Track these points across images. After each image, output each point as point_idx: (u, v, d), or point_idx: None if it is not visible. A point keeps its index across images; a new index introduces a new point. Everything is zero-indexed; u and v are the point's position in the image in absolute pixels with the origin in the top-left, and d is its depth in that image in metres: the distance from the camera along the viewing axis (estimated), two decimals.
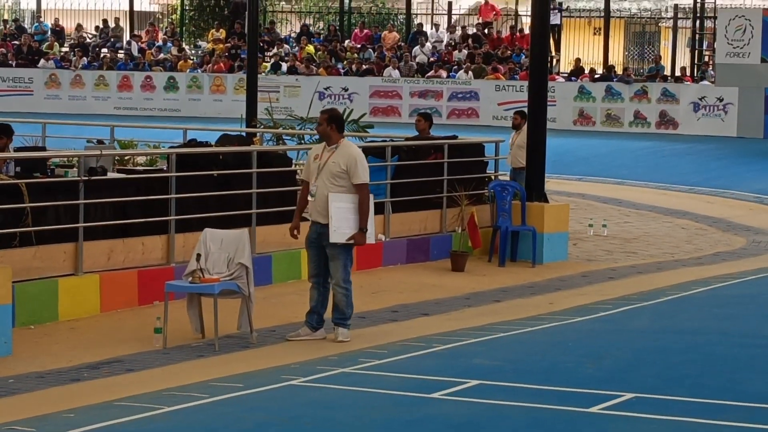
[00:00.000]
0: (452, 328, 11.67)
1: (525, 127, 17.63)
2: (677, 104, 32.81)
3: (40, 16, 43.35)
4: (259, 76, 25.51)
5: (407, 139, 17.33)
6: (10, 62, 38.14)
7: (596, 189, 25.11)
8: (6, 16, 45.52)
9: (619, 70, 35.80)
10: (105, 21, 41.06)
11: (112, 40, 39.86)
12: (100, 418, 8.28)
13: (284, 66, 35.92)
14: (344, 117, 20.88)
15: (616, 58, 39.74)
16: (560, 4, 38.35)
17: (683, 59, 38.02)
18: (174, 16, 43.50)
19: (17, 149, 13.92)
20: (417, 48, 36.89)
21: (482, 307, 13.03)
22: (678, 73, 35.03)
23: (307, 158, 11.34)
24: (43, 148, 14.97)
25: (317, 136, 18.75)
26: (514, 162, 17.89)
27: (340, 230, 10.87)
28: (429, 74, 35.20)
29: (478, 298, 13.62)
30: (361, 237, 10.96)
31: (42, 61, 37.81)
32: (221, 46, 37.77)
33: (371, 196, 11.14)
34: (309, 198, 11.01)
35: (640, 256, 17.07)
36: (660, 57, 37.02)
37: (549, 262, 15.99)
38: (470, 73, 34.61)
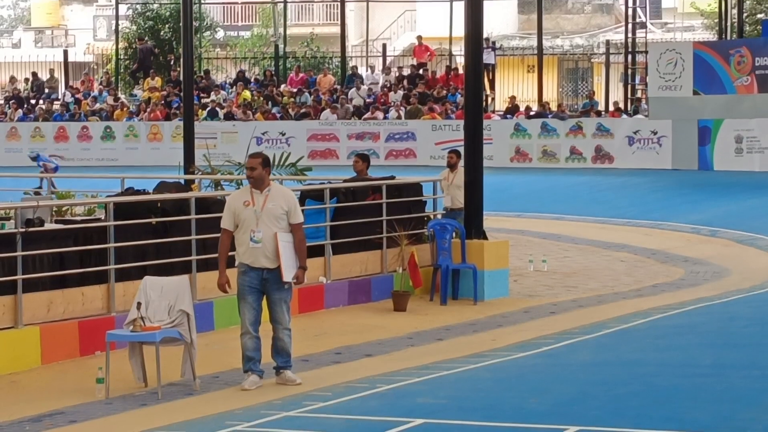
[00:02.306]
0: (396, 368, 11.67)
1: (460, 167, 17.67)
2: (612, 138, 33.12)
3: None
4: (196, 123, 25.49)
5: (345, 180, 17.38)
6: None
7: (535, 225, 25.24)
8: None
9: (553, 107, 36.13)
10: (34, 73, 40.88)
11: (47, 91, 39.69)
12: None
13: (221, 112, 35.92)
14: (282, 160, 21.04)
15: (551, 94, 40.11)
16: (494, 43, 38.68)
17: (616, 94, 38.43)
18: (109, 66, 43.38)
19: None
20: (353, 90, 37.03)
21: (425, 346, 13.05)
22: (612, 107, 35.40)
23: (229, 206, 11.09)
24: None
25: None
26: (454, 203, 17.76)
27: (290, 268, 10.89)
28: (366, 116, 35.34)
29: (421, 337, 13.64)
30: (303, 274, 11.00)
31: None
32: (157, 94, 37.71)
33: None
34: (251, 245, 10.90)
35: (580, 290, 17.19)
36: (593, 92, 37.39)
37: (490, 299, 16.06)
38: (400, 112, 34.78)
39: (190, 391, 10.84)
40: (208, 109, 35.68)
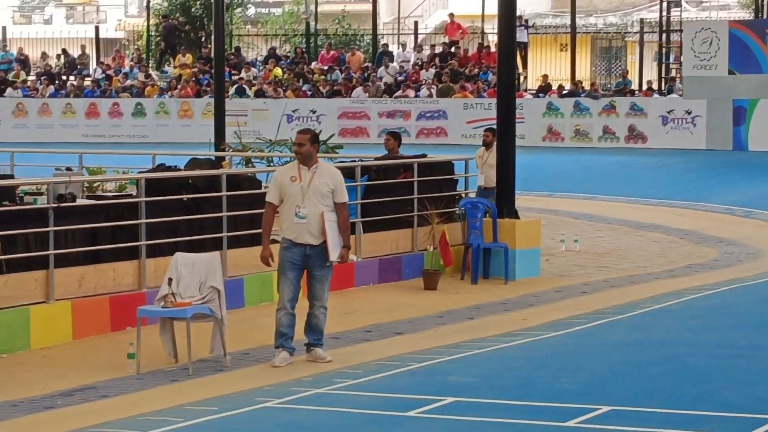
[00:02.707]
0: (426, 347, 11.64)
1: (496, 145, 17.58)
2: (645, 118, 32.91)
3: (6, 45, 43.19)
4: (226, 100, 25.48)
5: (377, 158, 17.32)
6: None
7: (567, 204, 25.14)
8: None
9: (586, 86, 35.92)
10: (65, 50, 40.96)
11: (78, 67, 39.77)
12: None
13: (249, 90, 35.89)
14: None
15: (584, 73, 39.88)
16: (526, 21, 38.47)
17: (650, 73, 38.19)
18: (140, 42, 43.42)
19: None
20: (383, 68, 36.93)
21: (456, 325, 13.01)
22: (645, 86, 35.18)
23: (277, 180, 11.11)
24: (12, 176, 14.89)
25: (286, 159, 18.83)
26: (487, 181, 17.61)
27: (336, 247, 10.87)
28: (397, 94, 35.23)
29: (452, 316, 13.59)
30: (347, 253, 10.99)
31: (8, 90, 37.66)
32: (188, 71, 37.72)
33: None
34: (296, 220, 10.87)
35: (612, 270, 17.09)
36: (627, 71, 37.16)
37: (522, 279, 15.99)
38: (432, 90, 34.66)
39: (220, 368, 10.83)
40: (236, 86, 35.65)
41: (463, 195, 17.25)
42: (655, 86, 35.01)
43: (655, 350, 11.46)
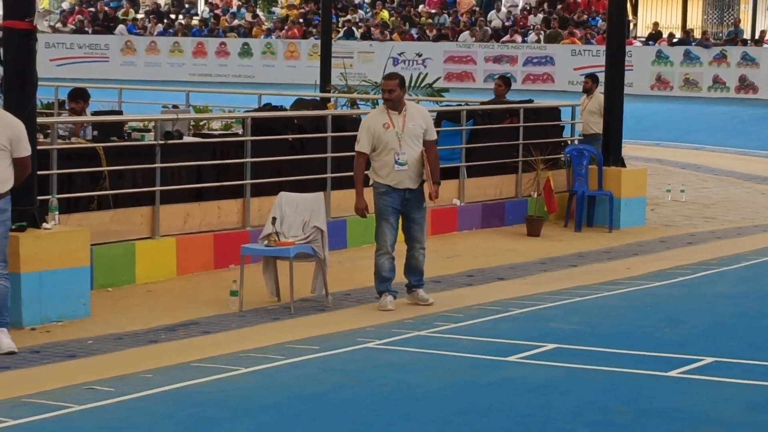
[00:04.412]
0: (528, 293, 11.59)
1: (596, 92, 17.40)
2: (757, 68, 32.28)
3: None
4: (332, 42, 25.46)
5: (482, 103, 17.21)
6: (87, 29, 38.42)
7: (674, 154, 24.83)
8: None
9: (697, 34, 35.30)
10: None
11: (186, 6, 40.02)
12: (177, 378, 8.32)
13: (357, 32, 35.84)
14: (419, 81, 20.93)
15: (695, 21, 39.19)
16: None
17: (764, 22, 37.39)
18: None
19: (94, 114, 14.01)
20: (492, 13, 36.63)
21: (558, 272, 12.92)
22: (758, 36, 34.47)
23: (368, 128, 10.89)
24: (120, 113, 15.05)
25: None
26: (585, 128, 17.43)
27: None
28: (504, 39, 34.96)
29: (554, 262, 13.51)
30: (438, 190, 10.98)
31: (117, 27, 38.06)
32: (295, 12, 37.77)
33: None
34: (397, 168, 10.83)
35: (719, 221, 16.85)
36: (739, 20, 36.42)
37: (626, 227, 15.83)
38: (540, 36, 34.31)
39: (322, 307, 10.89)
40: (345, 28, 35.61)
41: (569, 142, 17.08)
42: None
43: (761, 302, 11.30)
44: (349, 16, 37.04)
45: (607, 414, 7.61)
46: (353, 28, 35.93)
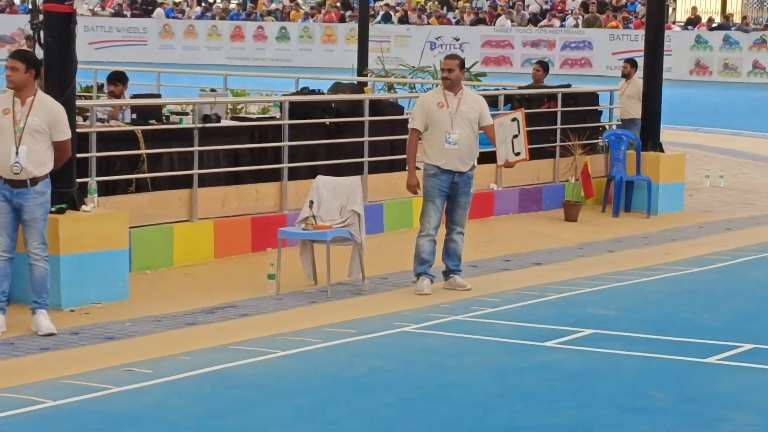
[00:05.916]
0: (566, 278, 11.56)
1: (635, 77, 17.30)
2: None
3: None
4: (370, 26, 25.45)
5: (520, 87, 17.16)
6: (125, 13, 38.55)
7: (712, 140, 24.68)
8: None
9: (737, 19, 35.07)
10: None
11: None
12: (215, 360, 8.36)
13: (395, 16, 35.81)
14: None
15: (735, 6, 38.93)
16: None
17: None
18: None
19: (133, 97, 14.06)
20: None
21: (596, 257, 12.89)
22: None
23: (422, 106, 11.03)
24: (158, 96, 15.10)
25: (428, 85, 18.75)
26: (624, 113, 17.33)
27: (503, 153, 11.08)
28: (542, 23, 34.83)
29: (592, 248, 13.47)
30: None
31: (156, 11, 38.17)
32: None
33: None
34: (447, 146, 10.83)
35: (758, 207, 16.75)
36: None
37: (664, 213, 15.75)
38: (578, 20, 34.16)
39: (358, 291, 10.90)
40: (382, 13, 35.59)
41: (607, 126, 17.02)
42: None
43: None
44: (386, 0, 37.00)
45: (644, 399, 7.60)
46: (390, 12, 35.89)
